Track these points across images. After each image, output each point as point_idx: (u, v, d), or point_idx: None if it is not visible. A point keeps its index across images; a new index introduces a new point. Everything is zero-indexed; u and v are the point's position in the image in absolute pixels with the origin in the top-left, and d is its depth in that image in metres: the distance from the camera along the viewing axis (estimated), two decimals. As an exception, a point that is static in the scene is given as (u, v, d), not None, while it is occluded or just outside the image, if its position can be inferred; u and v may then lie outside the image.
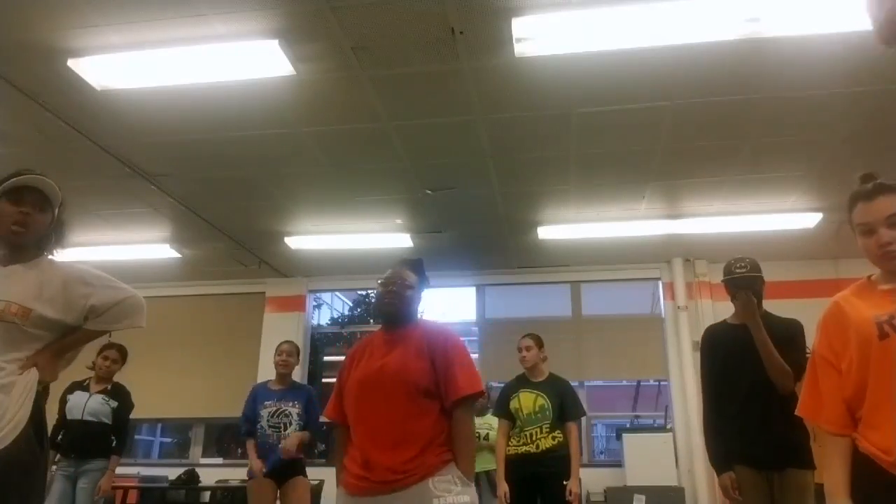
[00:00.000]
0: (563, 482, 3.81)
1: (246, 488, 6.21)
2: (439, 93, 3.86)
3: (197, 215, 5.69)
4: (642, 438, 6.22)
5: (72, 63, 3.48)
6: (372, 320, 9.84)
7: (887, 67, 3.57)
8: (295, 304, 7.50)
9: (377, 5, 3.10)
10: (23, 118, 4.12)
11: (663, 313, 6.99)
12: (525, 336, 4.16)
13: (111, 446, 4.38)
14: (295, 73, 3.56)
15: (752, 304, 2.83)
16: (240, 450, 7.67)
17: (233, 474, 6.61)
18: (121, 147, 4.53)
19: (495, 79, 3.70)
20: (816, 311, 1.79)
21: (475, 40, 3.36)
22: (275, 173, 4.97)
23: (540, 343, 4.13)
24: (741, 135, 4.35)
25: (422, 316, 2.49)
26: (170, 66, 3.52)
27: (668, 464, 6.09)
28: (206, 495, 6.70)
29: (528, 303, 7.29)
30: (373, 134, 4.34)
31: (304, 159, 4.72)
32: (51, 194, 2.01)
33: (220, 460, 7.39)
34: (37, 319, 1.89)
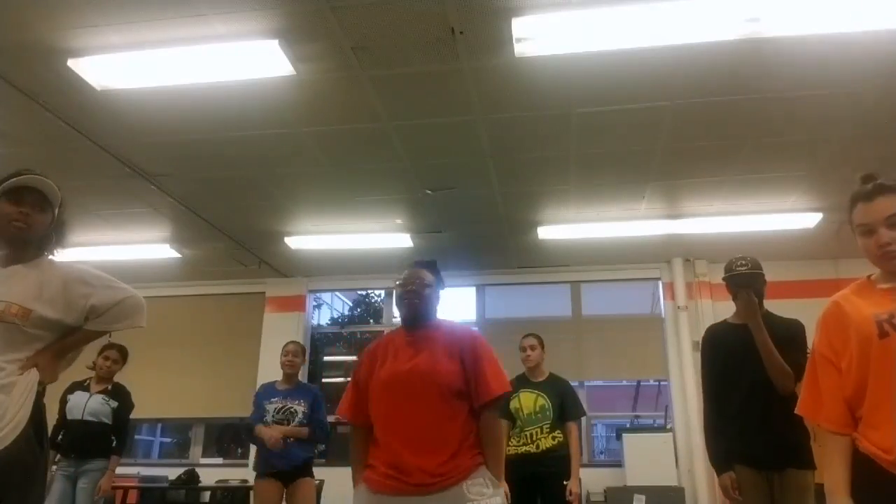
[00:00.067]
0: (564, 482, 3.82)
1: (249, 489, 6.30)
2: (439, 93, 3.86)
3: (197, 215, 5.69)
4: (642, 438, 6.21)
5: (72, 63, 3.48)
6: (372, 320, 9.85)
7: (887, 67, 3.57)
8: (295, 304, 7.49)
9: (377, 5, 3.10)
10: (23, 118, 4.12)
11: (663, 313, 6.99)
12: (528, 335, 4.16)
13: (111, 446, 4.38)
14: (295, 73, 3.55)
15: (754, 305, 2.83)
16: (239, 449, 7.69)
17: (233, 474, 6.62)
18: (121, 147, 4.53)
19: (495, 79, 3.70)
20: (816, 311, 1.79)
21: (475, 40, 3.36)
22: (275, 173, 4.97)
23: (542, 343, 4.14)
24: (741, 135, 4.35)
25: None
26: (170, 66, 3.52)
27: (668, 464, 6.10)
28: (206, 495, 6.72)
29: (528, 303, 7.29)
30: (373, 134, 4.34)
31: (304, 159, 4.72)
32: (50, 194, 2.01)
33: (220, 460, 7.39)
34: (37, 320, 1.89)
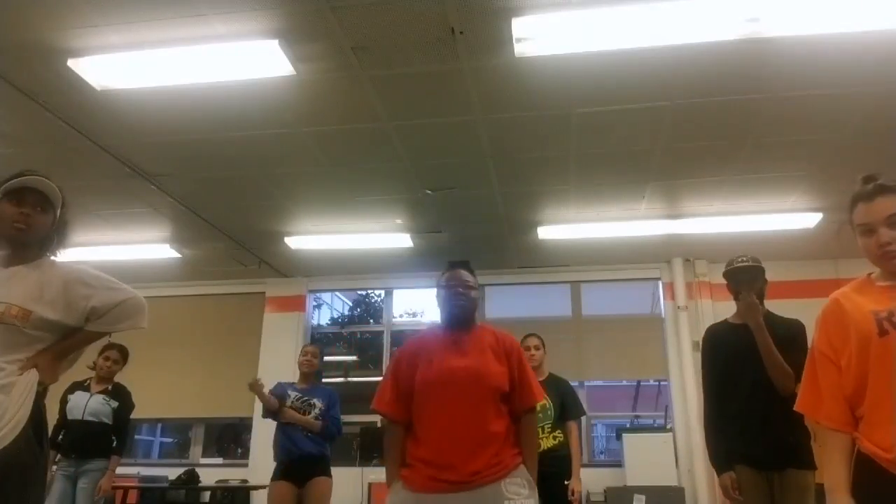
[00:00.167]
0: (565, 482, 3.81)
1: (249, 489, 6.30)
2: (439, 93, 3.86)
3: (197, 215, 5.69)
4: (642, 438, 6.21)
5: (72, 63, 3.48)
6: (372, 320, 9.84)
7: (887, 67, 3.57)
8: (295, 304, 7.49)
9: (377, 5, 3.10)
10: (23, 118, 4.12)
11: (663, 313, 6.99)
12: (531, 335, 4.15)
13: (111, 446, 4.38)
14: (295, 73, 3.56)
15: (756, 305, 2.83)
16: (239, 450, 7.69)
17: (233, 474, 6.63)
18: (121, 147, 4.53)
19: (495, 79, 3.70)
20: (816, 311, 1.78)
21: (475, 40, 3.36)
22: (275, 173, 4.97)
23: (543, 343, 4.14)
24: (741, 135, 4.35)
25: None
26: (170, 66, 3.52)
27: (668, 464, 6.10)
28: (206, 495, 6.72)
29: (528, 303, 7.29)
30: (373, 134, 4.34)
31: (304, 159, 4.72)
32: (51, 195, 2.01)
33: (220, 460, 7.39)
34: (37, 321, 1.88)
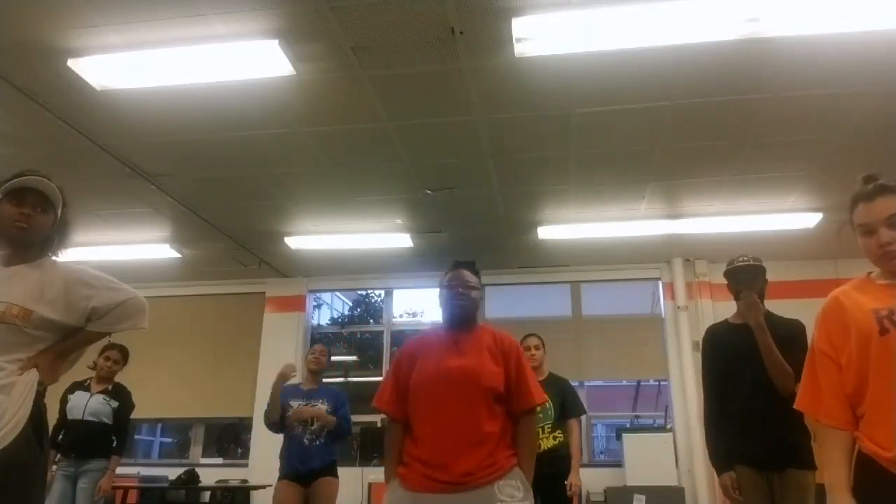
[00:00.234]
0: (565, 482, 3.81)
1: (250, 489, 6.30)
2: (439, 93, 3.86)
3: (197, 215, 5.69)
4: (642, 438, 6.21)
5: (72, 63, 3.48)
6: (372, 320, 9.84)
7: (887, 67, 3.57)
8: (295, 304, 7.49)
9: (377, 5, 3.10)
10: (23, 118, 4.12)
11: (663, 313, 6.99)
12: (531, 335, 4.15)
13: (111, 446, 4.38)
14: (295, 73, 3.55)
15: (757, 304, 2.83)
16: (239, 450, 7.69)
17: (233, 474, 6.63)
18: (121, 147, 4.53)
19: (495, 79, 3.70)
20: (816, 311, 1.79)
21: (475, 40, 3.36)
22: (275, 173, 4.97)
23: (543, 343, 4.14)
24: (741, 135, 4.35)
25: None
26: (170, 66, 3.52)
27: (668, 464, 6.10)
28: (206, 495, 6.72)
29: (528, 303, 7.29)
30: (373, 134, 4.34)
31: (304, 159, 4.72)
32: (52, 195, 2.01)
33: (220, 460, 7.39)
34: (38, 321, 1.88)
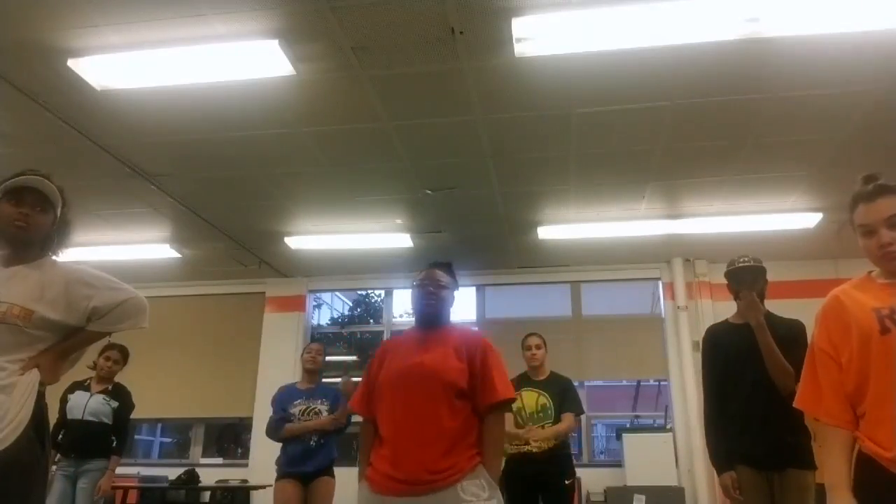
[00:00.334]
0: (566, 481, 3.82)
1: (250, 489, 6.30)
2: (439, 93, 3.86)
3: (197, 215, 5.69)
4: (642, 438, 6.21)
5: (72, 63, 3.48)
6: (372, 320, 9.85)
7: (887, 67, 3.57)
8: (295, 304, 7.48)
9: (377, 5, 3.10)
10: (23, 118, 4.12)
11: (663, 313, 6.98)
12: (532, 334, 4.15)
13: (111, 446, 4.38)
14: (295, 73, 3.55)
15: (757, 304, 2.83)
16: (239, 450, 7.69)
17: (233, 474, 6.63)
18: (121, 147, 4.53)
19: (495, 79, 3.70)
20: (816, 311, 1.78)
21: (475, 40, 3.36)
22: (275, 173, 4.96)
23: (544, 342, 4.14)
24: (741, 135, 4.35)
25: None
26: (170, 66, 3.52)
27: (668, 464, 6.10)
28: (206, 495, 6.72)
29: (528, 303, 7.29)
30: (373, 134, 4.34)
31: (304, 159, 4.72)
32: (51, 195, 2.01)
33: (219, 460, 7.39)
34: (38, 321, 1.89)
